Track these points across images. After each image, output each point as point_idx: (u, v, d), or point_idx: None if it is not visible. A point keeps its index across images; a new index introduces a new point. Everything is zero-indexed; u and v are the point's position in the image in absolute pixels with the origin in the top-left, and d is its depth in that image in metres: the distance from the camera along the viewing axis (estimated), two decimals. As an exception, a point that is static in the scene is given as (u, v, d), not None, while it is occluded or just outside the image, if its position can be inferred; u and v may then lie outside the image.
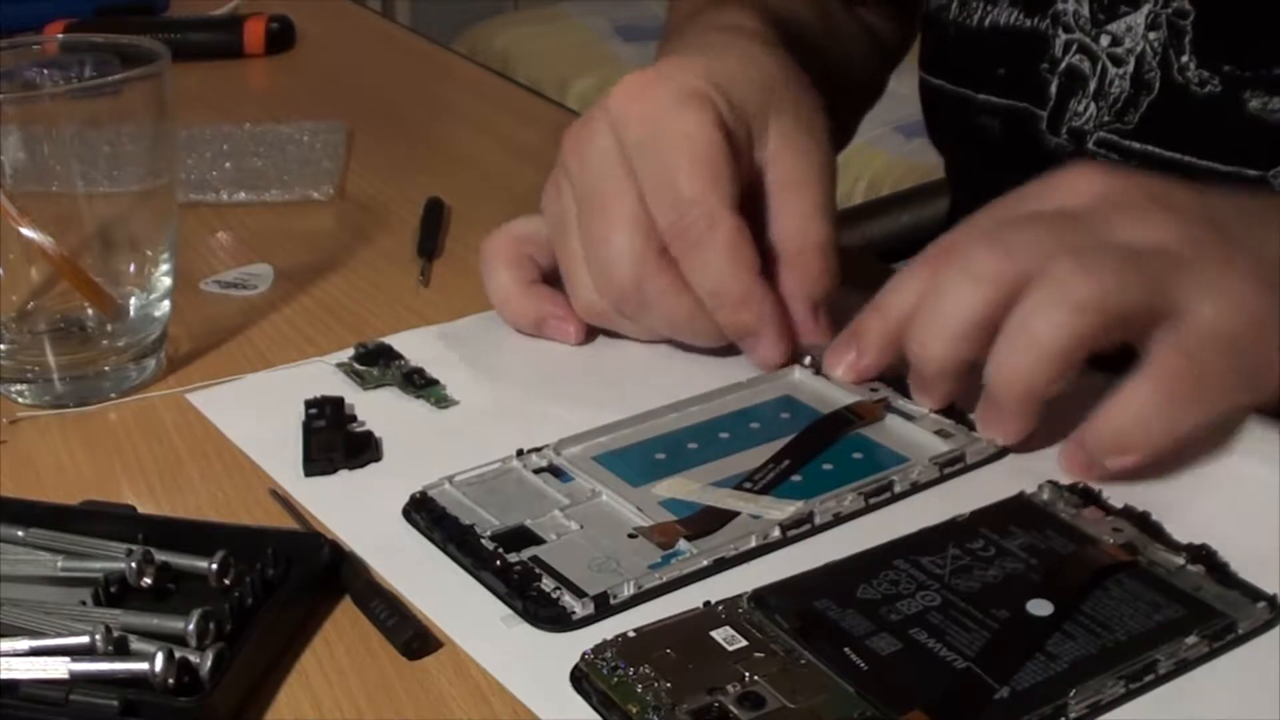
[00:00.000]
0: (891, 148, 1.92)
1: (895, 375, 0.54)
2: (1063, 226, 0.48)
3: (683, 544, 0.46)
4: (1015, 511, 0.47)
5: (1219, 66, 0.59)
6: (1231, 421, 0.50)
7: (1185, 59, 0.60)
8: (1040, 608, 0.42)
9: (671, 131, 0.53)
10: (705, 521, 0.47)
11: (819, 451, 0.51)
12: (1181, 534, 0.46)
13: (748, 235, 0.54)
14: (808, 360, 0.56)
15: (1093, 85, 0.63)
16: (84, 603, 0.43)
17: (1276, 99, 0.58)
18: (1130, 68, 0.62)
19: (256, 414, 0.56)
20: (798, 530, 0.47)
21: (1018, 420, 0.50)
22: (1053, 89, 0.65)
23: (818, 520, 0.47)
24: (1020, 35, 0.66)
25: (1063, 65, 0.64)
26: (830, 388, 0.55)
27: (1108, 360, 0.48)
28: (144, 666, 0.39)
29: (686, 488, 0.49)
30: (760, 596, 0.43)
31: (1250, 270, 0.47)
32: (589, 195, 0.55)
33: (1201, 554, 0.44)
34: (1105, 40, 0.62)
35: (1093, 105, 0.63)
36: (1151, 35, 0.61)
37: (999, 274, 0.47)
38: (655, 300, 0.55)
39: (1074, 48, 0.64)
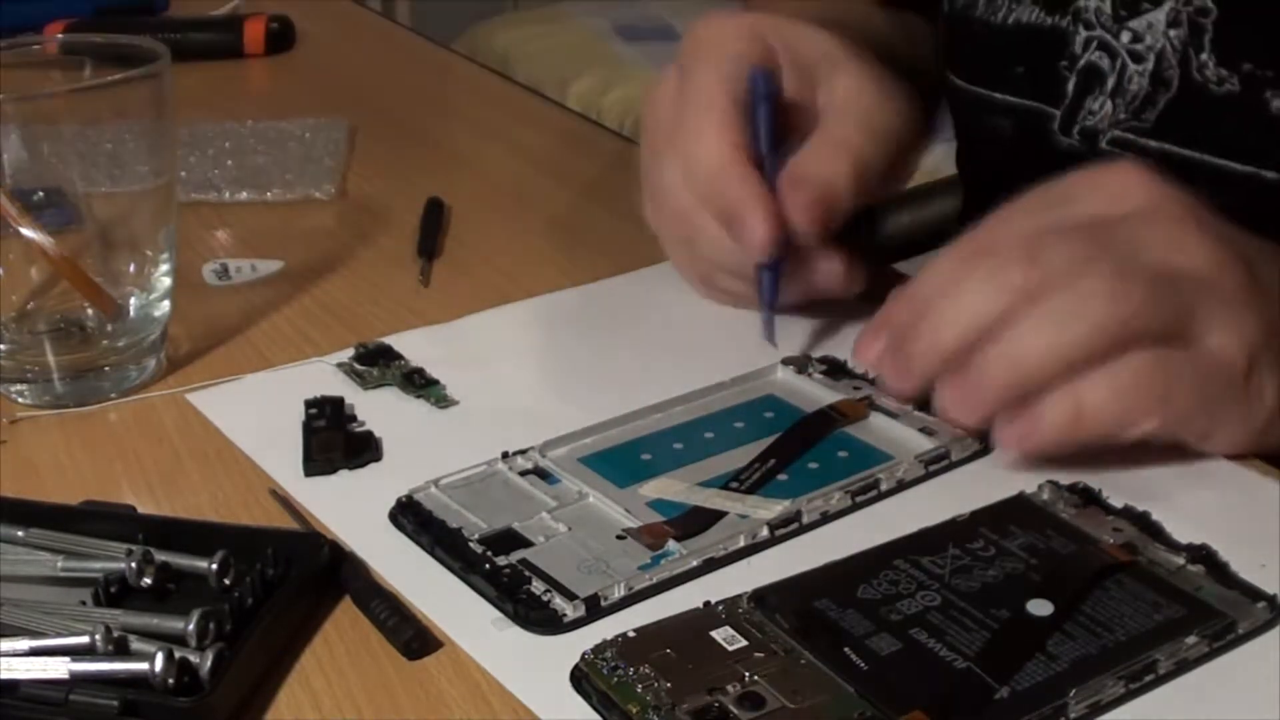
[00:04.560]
0: (892, 147, 1.91)
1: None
2: (1100, 240, 0.47)
3: (672, 544, 0.46)
4: (1015, 511, 0.47)
5: (1239, 65, 0.59)
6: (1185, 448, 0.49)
7: (1204, 56, 0.60)
8: (1040, 608, 0.42)
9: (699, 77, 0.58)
10: (693, 522, 0.47)
11: (804, 450, 0.51)
12: (1181, 534, 0.46)
13: (735, 122, 0.56)
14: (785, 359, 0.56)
15: (1111, 82, 0.63)
16: (84, 603, 0.43)
17: None
18: (1150, 65, 0.62)
19: (256, 414, 0.56)
20: (786, 529, 0.47)
21: (987, 406, 0.48)
22: (1070, 86, 0.65)
23: (806, 519, 0.47)
24: (1040, 33, 0.66)
25: (1081, 62, 0.64)
26: (813, 386, 0.56)
27: None
28: (144, 666, 0.39)
29: (674, 488, 0.49)
30: (760, 596, 0.43)
31: (1263, 311, 0.47)
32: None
33: (1201, 554, 0.44)
34: (1126, 37, 0.62)
35: (1109, 103, 0.63)
36: (1172, 33, 0.61)
37: (1025, 284, 0.46)
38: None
39: (1094, 44, 0.64)
